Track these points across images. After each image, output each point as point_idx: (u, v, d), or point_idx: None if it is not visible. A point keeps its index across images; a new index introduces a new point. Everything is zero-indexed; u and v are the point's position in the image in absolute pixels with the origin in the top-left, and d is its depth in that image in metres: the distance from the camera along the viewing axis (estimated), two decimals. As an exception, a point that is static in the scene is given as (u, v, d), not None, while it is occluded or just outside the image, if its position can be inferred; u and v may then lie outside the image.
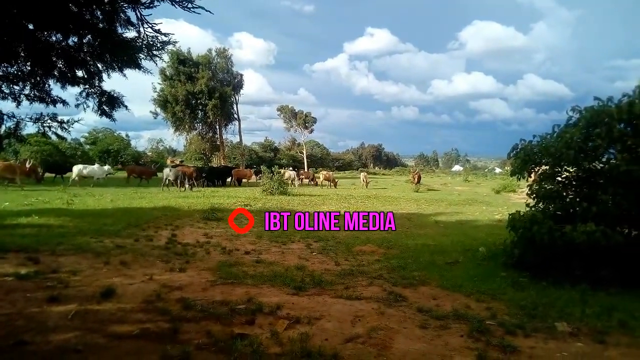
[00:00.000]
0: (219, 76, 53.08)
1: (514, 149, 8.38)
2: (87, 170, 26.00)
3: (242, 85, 55.94)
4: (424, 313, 5.46)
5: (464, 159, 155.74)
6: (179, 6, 5.33)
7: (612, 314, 5.51)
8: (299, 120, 75.09)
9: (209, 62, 51.69)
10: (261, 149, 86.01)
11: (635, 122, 7.24)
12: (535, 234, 7.08)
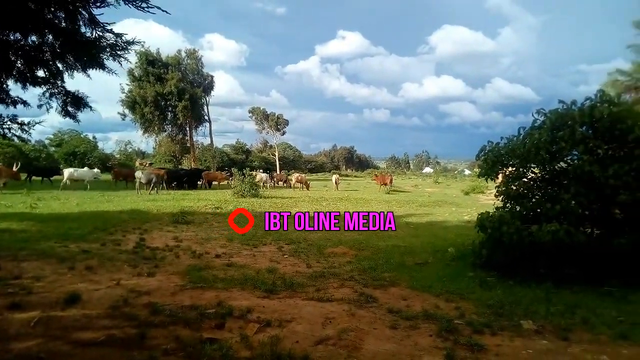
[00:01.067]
0: (189, 77, 52.41)
1: (482, 151, 8.54)
2: (77, 173, 26.45)
3: (212, 86, 55.34)
4: (394, 314, 5.50)
5: (435, 161, 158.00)
6: (133, 6, 5.22)
7: (575, 311, 5.67)
8: (270, 122, 74.81)
9: (178, 63, 51.02)
10: (233, 151, 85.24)
11: (596, 124, 7.49)
12: (503, 234, 7.22)
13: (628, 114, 7.33)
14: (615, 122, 7.19)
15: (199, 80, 53.43)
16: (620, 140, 7.32)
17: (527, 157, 7.76)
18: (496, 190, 8.50)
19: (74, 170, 26.56)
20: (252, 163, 73.88)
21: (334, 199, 24.14)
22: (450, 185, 47.32)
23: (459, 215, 17.48)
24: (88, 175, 27.00)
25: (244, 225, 12.44)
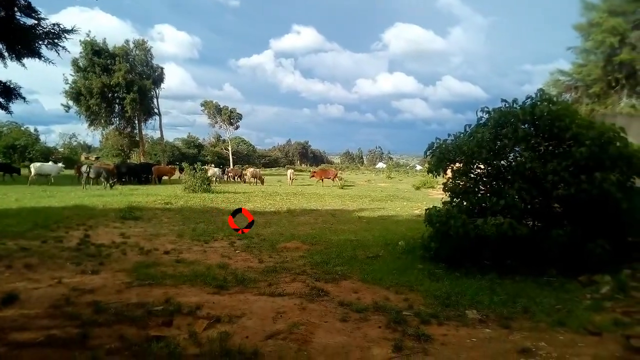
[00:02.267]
0: (137, 69, 50.61)
1: (430, 148, 8.75)
2: (44, 168, 26.33)
3: (162, 78, 53.66)
4: (345, 307, 5.58)
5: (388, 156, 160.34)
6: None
7: (516, 300, 5.93)
8: (223, 116, 73.54)
9: (126, 53, 49.14)
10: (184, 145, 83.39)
11: (537, 122, 7.84)
12: (450, 228, 7.44)
13: (566, 113, 7.72)
14: (554, 120, 7.56)
15: (148, 72, 51.69)
16: (559, 137, 7.70)
17: (472, 154, 8.02)
18: (444, 185, 8.75)
19: (40, 165, 26.41)
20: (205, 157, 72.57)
21: (288, 194, 24.11)
22: (402, 180, 48.34)
23: (410, 210, 17.88)
24: (55, 170, 26.81)
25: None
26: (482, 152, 7.84)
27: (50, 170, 26.54)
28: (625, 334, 4.79)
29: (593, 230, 7.26)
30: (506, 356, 4.24)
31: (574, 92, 25.14)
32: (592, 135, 7.30)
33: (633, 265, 7.56)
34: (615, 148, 7.32)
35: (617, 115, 11.68)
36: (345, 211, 17.08)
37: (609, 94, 23.83)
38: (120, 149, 55.35)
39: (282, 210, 16.52)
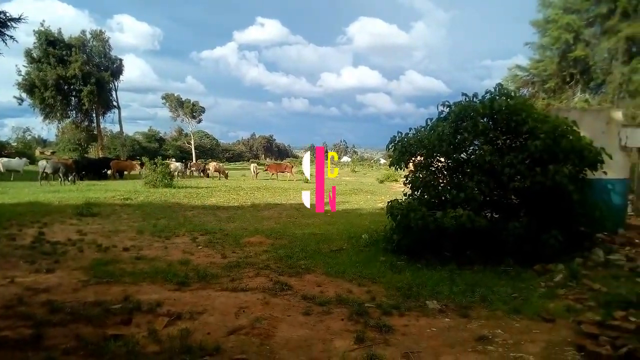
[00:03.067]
0: (95, 60, 48.95)
1: (392, 142, 8.85)
2: (11, 163, 26.41)
3: (122, 70, 52.05)
4: (308, 300, 5.60)
5: (352, 150, 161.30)
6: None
7: (475, 290, 6.09)
8: (186, 110, 72.08)
9: (83, 44, 47.41)
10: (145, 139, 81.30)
11: (496, 116, 8.05)
12: (411, 221, 7.55)
13: (522, 107, 7.95)
14: (512, 114, 7.78)
15: (106, 64, 50.06)
16: (516, 131, 7.93)
17: (433, 148, 8.15)
18: (405, 178, 8.86)
19: (7, 161, 26.59)
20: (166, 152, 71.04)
21: (252, 189, 23.95)
22: (366, 174, 48.79)
23: (374, 203, 18.08)
24: (22, 164, 26.85)
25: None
26: (443, 145, 7.98)
27: (18, 165, 26.34)
28: (576, 319, 5.00)
29: (547, 221, 7.51)
30: (464, 344, 4.35)
31: (531, 87, 25.96)
32: (547, 129, 7.55)
33: (584, 254, 7.89)
34: (568, 141, 7.60)
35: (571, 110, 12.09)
36: (309, 205, 17.12)
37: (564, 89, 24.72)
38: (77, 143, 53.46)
39: (246, 205, 16.42)
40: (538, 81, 25.30)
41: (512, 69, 26.78)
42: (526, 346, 4.32)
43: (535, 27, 25.30)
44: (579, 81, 24.19)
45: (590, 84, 24.56)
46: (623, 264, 7.46)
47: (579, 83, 24.22)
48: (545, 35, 24.35)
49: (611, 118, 10.41)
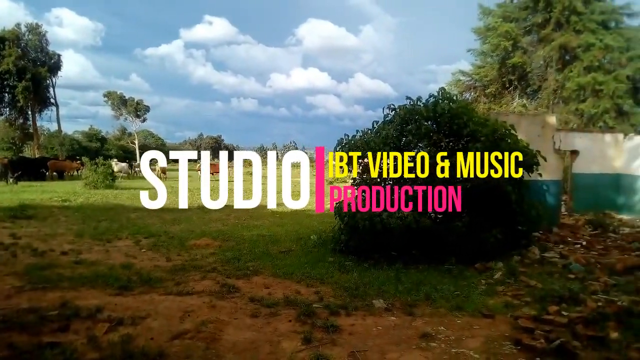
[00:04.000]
0: (31, 55, 46.48)
1: (339, 144, 8.91)
2: None
3: (60, 66, 49.63)
4: (256, 302, 5.55)
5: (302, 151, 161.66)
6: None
7: (420, 288, 6.24)
8: (129, 108, 69.70)
9: (18, 38, 44.88)
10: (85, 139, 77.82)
11: (439, 119, 8.30)
12: (358, 221, 7.66)
13: (464, 111, 8.25)
14: (454, 117, 8.05)
15: (43, 59, 47.61)
16: (458, 133, 8.21)
17: (379, 150, 8.29)
18: (352, 180, 8.97)
19: None
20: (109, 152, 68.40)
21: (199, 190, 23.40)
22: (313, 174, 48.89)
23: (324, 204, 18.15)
24: None
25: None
26: (388, 147, 8.14)
27: None
28: (514, 315, 5.25)
29: (488, 220, 7.84)
30: (409, 342, 4.46)
31: (473, 91, 27.00)
32: (487, 132, 7.88)
33: (522, 252, 8.30)
34: (507, 144, 7.97)
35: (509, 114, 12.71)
36: (258, 206, 16.92)
37: (504, 94, 25.88)
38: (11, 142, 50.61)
39: (193, 207, 16.07)
40: (480, 86, 26.35)
41: (455, 74, 27.77)
42: (467, 342, 4.48)
43: (477, 34, 26.36)
44: (517, 87, 25.39)
45: (528, 89, 25.85)
46: (557, 261, 7.90)
47: (517, 89, 25.43)
48: (486, 43, 25.40)
49: (546, 122, 11.02)
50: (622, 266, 7.34)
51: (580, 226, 11.51)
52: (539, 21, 23.90)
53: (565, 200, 14.85)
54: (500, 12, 25.20)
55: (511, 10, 25.00)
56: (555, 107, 23.36)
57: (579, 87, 22.04)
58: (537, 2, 23.64)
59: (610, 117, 21.22)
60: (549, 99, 23.77)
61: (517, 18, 24.82)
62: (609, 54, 22.20)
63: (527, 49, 24.79)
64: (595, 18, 22.51)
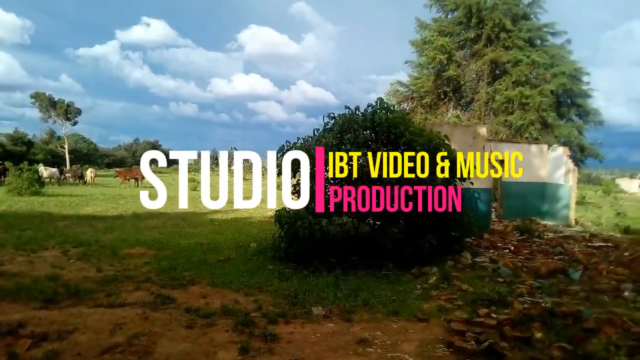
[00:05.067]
0: (-51, 52, 43.15)
1: (280, 150, 8.91)
2: None
3: (-17, 65, 46.43)
4: (192, 313, 5.40)
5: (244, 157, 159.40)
6: None
7: (358, 294, 6.33)
8: (59, 110, 65.96)
9: None
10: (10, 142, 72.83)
11: (377, 128, 8.49)
12: (298, 229, 7.67)
13: (401, 121, 8.50)
14: (391, 127, 8.27)
15: (-38, 56, 44.33)
16: (395, 143, 8.43)
17: (319, 157, 8.35)
18: (293, 187, 8.96)
19: None
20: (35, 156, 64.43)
21: (134, 196, 22.55)
22: (259, 182, 48.41)
23: (264, 211, 18.02)
24: None
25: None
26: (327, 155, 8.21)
27: None
28: (447, 318, 5.45)
29: (424, 227, 8.10)
30: (346, 348, 4.51)
31: (410, 102, 27.82)
32: (422, 142, 8.15)
33: (455, 257, 8.65)
34: (441, 154, 8.27)
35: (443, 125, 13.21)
36: (196, 214, 16.58)
37: (439, 105, 26.87)
38: None
39: (127, 214, 15.44)
40: (417, 97, 27.19)
41: (393, 85, 28.53)
42: (402, 346, 4.60)
43: (414, 47, 27.26)
44: (451, 98, 26.45)
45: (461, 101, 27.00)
46: (487, 266, 8.28)
47: (451, 100, 26.49)
48: (423, 55, 26.33)
49: (477, 133, 11.55)
50: (546, 270, 7.82)
51: (509, 232, 12.15)
52: (472, 36, 25.07)
53: (496, 207, 15.63)
54: (436, 27, 26.23)
55: (446, 25, 26.07)
56: (486, 119, 24.54)
57: (507, 100, 23.31)
58: (470, 19, 24.80)
59: (536, 129, 22.56)
60: (481, 111, 24.94)
61: (452, 33, 25.92)
62: (535, 69, 23.67)
63: (461, 62, 25.92)
64: (522, 35, 23.95)
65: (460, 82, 25.76)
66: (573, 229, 13.64)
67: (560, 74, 23.24)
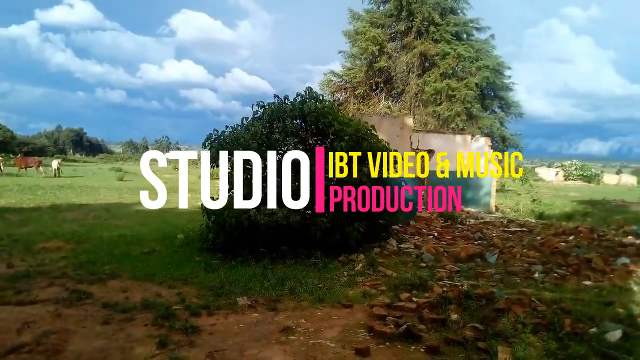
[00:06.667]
0: None
1: (208, 139, 8.70)
2: None
3: None
4: (109, 308, 5.18)
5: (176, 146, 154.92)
6: None
7: (285, 283, 6.34)
8: (-30, 96, 60.87)
9: None
10: None
11: (307, 118, 8.49)
12: (225, 219, 7.55)
13: (330, 110, 8.54)
14: (320, 116, 8.30)
15: None
16: (324, 132, 8.49)
17: (249, 146, 8.23)
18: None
19: None
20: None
21: (54, 187, 21.23)
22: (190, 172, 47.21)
23: (194, 201, 17.55)
24: None
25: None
26: (256, 144, 8.13)
27: None
28: (370, 303, 5.58)
29: (352, 216, 8.22)
30: (269, 337, 4.50)
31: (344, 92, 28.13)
32: (350, 132, 8.25)
33: (381, 244, 8.87)
34: (367, 143, 8.42)
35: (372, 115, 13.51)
36: (122, 205, 15.91)
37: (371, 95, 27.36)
38: None
39: (44, 206, 14.50)
40: (350, 87, 27.53)
41: (327, 75, 28.69)
42: (325, 332, 4.66)
43: (347, 38, 27.51)
44: (383, 89, 27.03)
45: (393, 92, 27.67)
46: (411, 252, 8.57)
47: (383, 91, 27.07)
48: (355, 46, 26.65)
49: (404, 124, 11.89)
50: (466, 254, 8.21)
51: (434, 219, 12.64)
52: (403, 29, 25.71)
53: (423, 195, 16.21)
54: (368, 18, 26.61)
55: (378, 16, 26.53)
56: (416, 109, 25.34)
57: (436, 92, 24.18)
58: (401, 11, 25.39)
59: (462, 120, 23.60)
60: (411, 102, 25.72)
61: (383, 25, 26.43)
62: (461, 62, 24.69)
63: (392, 54, 26.52)
64: (450, 29, 24.87)
65: (392, 73, 26.38)
66: (493, 215, 14.43)
67: (484, 68, 24.37)
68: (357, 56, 26.99)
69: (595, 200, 20.60)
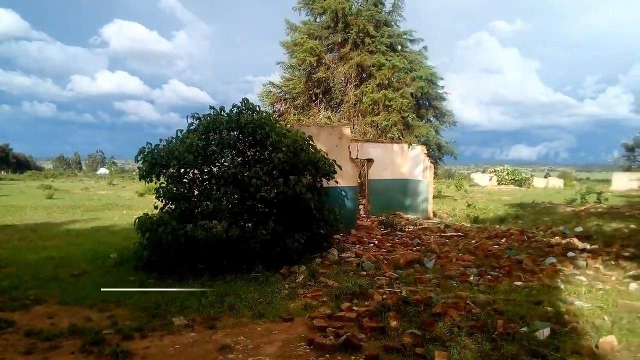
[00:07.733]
0: None
1: (141, 153, 8.39)
2: None
3: None
4: (33, 336, 4.83)
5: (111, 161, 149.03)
6: None
7: (224, 299, 6.18)
8: None
9: None
10: None
11: (244, 130, 8.39)
12: (161, 235, 7.28)
13: (267, 122, 8.50)
14: (257, 128, 8.24)
15: None
16: (262, 144, 8.43)
17: (184, 159, 8.03)
18: (156, 192, 8.47)
19: None
20: None
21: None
22: (125, 187, 45.51)
23: (130, 218, 16.89)
24: None
25: None
26: (192, 157, 7.94)
27: None
28: (311, 315, 5.53)
29: (292, 226, 8.19)
30: (206, 357, 4.36)
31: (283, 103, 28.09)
32: (288, 143, 8.24)
33: (323, 254, 8.88)
34: (306, 154, 8.45)
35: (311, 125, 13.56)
36: (51, 224, 15.02)
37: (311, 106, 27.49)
38: None
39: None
40: (289, 98, 27.51)
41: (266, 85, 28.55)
42: (265, 348, 4.56)
43: (285, 48, 27.57)
44: (322, 100, 27.25)
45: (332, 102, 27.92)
46: (352, 260, 8.63)
47: (322, 101, 27.29)
48: (294, 57, 26.73)
49: (342, 134, 12.02)
50: (404, 261, 8.38)
51: (374, 227, 12.84)
52: (339, 40, 26.08)
53: (364, 204, 16.45)
54: (305, 29, 26.81)
55: (315, 28, 26.79)
56: (355, 120, 25.70)
57: (373, 102, 24.65)
58: (337, 23, 25.76)
59: (399, 129, 24.17)
60: (350, 112, 26.05)
61: (321, 36, 26.70)
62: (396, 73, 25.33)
63: (330, 65, 26.82)
64: (384, 41, 25.50)
65: (330, 84, 26.64)
66: (431, 221, 14.84)
67: (418, 78, 25.14)
68: (296, 67, 27.06)
69: (526, 203, 21.71)
